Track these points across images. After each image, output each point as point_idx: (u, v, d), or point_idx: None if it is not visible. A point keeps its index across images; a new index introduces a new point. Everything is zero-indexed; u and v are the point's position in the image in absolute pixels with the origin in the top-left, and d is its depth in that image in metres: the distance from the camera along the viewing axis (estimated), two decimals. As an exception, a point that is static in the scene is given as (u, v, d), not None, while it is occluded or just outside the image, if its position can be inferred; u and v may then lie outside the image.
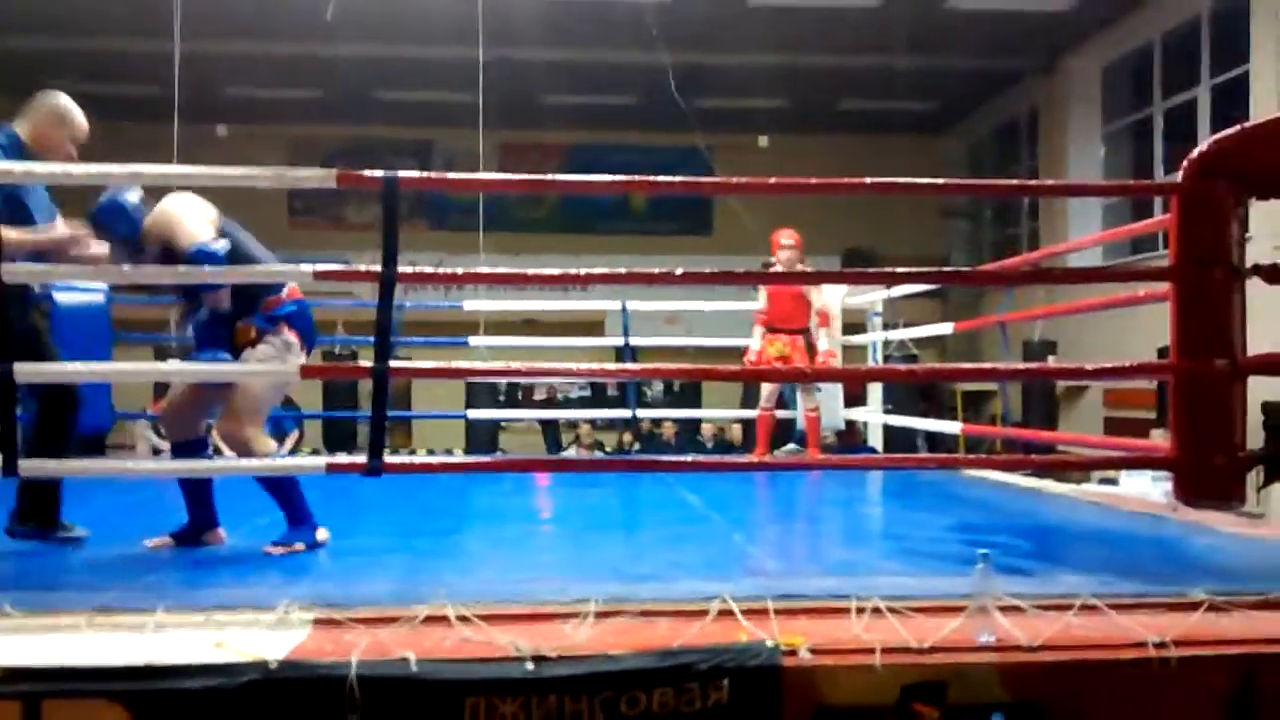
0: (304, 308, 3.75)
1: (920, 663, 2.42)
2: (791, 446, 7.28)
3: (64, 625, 2.54)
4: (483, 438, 9.24)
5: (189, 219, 3.55)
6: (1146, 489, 6.24)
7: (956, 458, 6.04)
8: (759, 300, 7.03)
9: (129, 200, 3.54)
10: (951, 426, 6.80)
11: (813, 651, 2.41)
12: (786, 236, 6.83)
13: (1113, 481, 7.54)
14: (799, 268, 6.84)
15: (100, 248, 3.62)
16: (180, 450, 3.80)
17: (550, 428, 12.01)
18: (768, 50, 12.27)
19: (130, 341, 4.02)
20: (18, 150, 3.51)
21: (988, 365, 6.67)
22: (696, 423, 11.41)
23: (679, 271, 3.47)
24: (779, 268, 6.78)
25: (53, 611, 2.61)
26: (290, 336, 3.67)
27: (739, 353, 7.07)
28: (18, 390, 3.13)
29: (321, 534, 3.68)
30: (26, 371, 3.16)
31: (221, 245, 3.49)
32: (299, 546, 3.59)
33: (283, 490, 3.64)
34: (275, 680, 2.27)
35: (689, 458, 5.98)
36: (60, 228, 3.58)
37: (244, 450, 3.63)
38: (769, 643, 2.41)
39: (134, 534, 3.72)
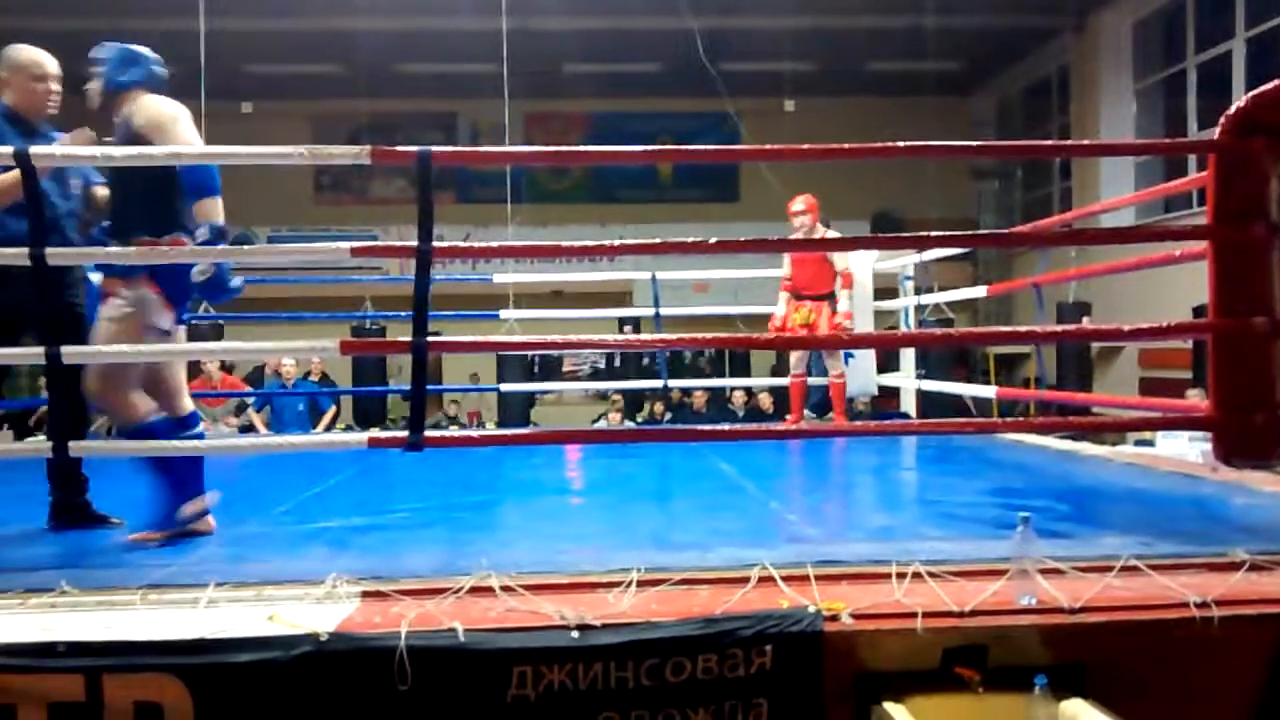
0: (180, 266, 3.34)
1: (962, 626, 2.43)
2: (809, 415, 7.24)
3: (119, 602, 2.60)
4: (515, 410, 9.28)
5: (184, 126, 3.36)
6: (1183, 450, 6.18)
7: (990, 421, 5.97)
8: (784, 267, 7.00)
9: (132, 51, 3.47)
10: (986, 390, 6.75)
11: (854, 616, 2.43)
12: (798, 202, 6.75)
13: (1149, 443, 7.48)
14: (819, 232, 6.78)
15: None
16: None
17: None
18: (793, 13, 12.15)
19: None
20: (5, 118, 3.55)
21: (1023, 328, 6.62)
22: (727, 391, 11.39)
23: (712, 240, 3.46)
24: (798, 235, 6.73)
25: (107, 589, 2.67)
26: (148, 291, 3.35)
27: (768, 320, 7.04)
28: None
29: (206, 523, 3.43)
30: (71, 353, 3.21)
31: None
32: (154, 536, 3.32)
33: (158, 471, 3.36)
34: (327, 652, 2.32)
35: (723, 426, 5.92)
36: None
37: (113, 414, 3.42)
38: (811, 609, 2.44)
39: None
